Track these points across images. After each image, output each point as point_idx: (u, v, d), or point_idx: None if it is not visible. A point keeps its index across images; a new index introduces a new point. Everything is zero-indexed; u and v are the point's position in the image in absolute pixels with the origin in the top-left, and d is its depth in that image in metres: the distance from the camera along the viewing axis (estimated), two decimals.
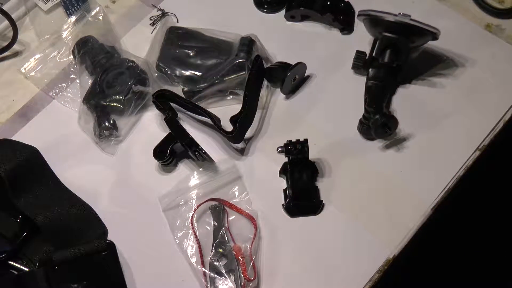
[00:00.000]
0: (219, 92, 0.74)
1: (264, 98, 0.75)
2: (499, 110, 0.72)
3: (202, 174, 0.70)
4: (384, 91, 0.73)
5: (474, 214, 1.12)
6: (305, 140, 0.67)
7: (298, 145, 0.66)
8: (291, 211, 0.68)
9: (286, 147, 0.67)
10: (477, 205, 1.12)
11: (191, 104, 0.72)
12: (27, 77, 0.79)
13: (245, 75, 0.72)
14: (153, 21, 0.82)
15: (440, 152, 0.70)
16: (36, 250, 0.66)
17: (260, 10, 0.82)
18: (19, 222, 0.65)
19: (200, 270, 0.64)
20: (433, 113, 0.73)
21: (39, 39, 0.82)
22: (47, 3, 0.84)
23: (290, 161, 0.68)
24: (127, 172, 0.72)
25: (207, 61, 0.75)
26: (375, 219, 0.66)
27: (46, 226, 0.64)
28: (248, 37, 0.74)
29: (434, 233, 0.78)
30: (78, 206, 0.68)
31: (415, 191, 0.68)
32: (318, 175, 0.69)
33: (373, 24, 0.72)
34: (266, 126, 0.74)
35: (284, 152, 0.67)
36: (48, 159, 0.70)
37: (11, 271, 0.65)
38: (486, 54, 0.76)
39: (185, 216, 0.67)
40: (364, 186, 0.69)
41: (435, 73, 0.76)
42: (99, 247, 0.63)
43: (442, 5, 0.81)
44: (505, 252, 1.13)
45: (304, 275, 0.64)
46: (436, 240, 0.98)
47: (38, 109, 0.77)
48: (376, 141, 0.71)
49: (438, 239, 0.99)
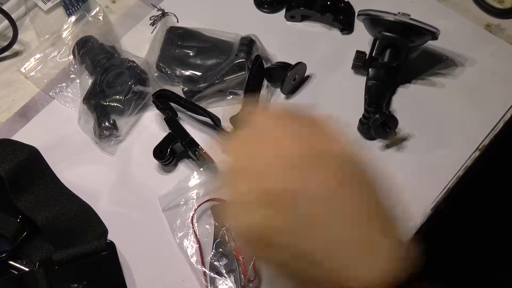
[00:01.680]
0: (219, 92, 0.74)
1: (265, 94, 0.75)
2: (499, 110, 0.72)
3: (202, 174, 0.70)
4: (384, 91, 0.73)
5: (474, 214, 1.12)
6: None
7: None
8: None
9: None
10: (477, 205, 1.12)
11: (191, 104, 0.72)
12: (27, 77, 0.79)
13: (245, 75, 0.72)
14: (153, 21, 0.82)
15: (440, 152, 0.70)
16: (36, 250, 0.66)
17: (260, 10, 0.82)
18: (19, 222, 0.65)
19: (200, 270, 0.64)
20: (433, 113, 0.73)
21: (39, 39, 0.82)
22: (47, 3, 0.84)
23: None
24: (127, 172, 0.72)
25: (207, 61, 0.75)
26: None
27: (46, 226, 0.64)
28: (248, 37, 0.74)
29: (434, 233, 0.78)
30: (78, 206, 0.68)
31: (415, 191, 0.67)
32: None
33: (372, 24, 0.72)
34: None
35: None
36: (48, 159, 0.70)
37: (11, 271, 0.65)
38: (486, 54, 0.76)
39: (185, 216, 0.67)
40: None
41: (435, 73, 0.76)
42: (99, 247, 0.63)
43: (441, 5, 0.81)
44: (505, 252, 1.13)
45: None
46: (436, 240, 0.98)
47: (38, 109, 0.77)
48: (376, 141, 0.71)
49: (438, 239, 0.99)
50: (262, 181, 0.40)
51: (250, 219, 0.40)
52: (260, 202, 0.40)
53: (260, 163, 0.41)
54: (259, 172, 0.41)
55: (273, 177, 0.40)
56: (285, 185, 0.40)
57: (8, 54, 0.81)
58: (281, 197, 0.39)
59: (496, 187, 1.13)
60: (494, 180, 1.11)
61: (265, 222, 0.40)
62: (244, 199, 0.41)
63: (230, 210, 0.43)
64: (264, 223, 0.40)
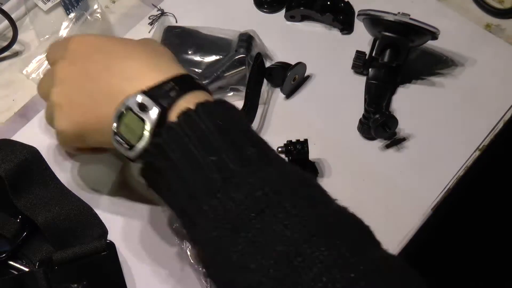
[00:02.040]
0: (220, 89, 0.74)
1: (265, 94, 0.75)
2: (499, 110, 0.72)
3: None
4: (384, 91, 0.73)
5: (474, 214, 1.12)
6: (305, 140, 0.67)
7: (298, 145, 0.66)
8: None
9: (286, 147, 0.67)
10: (477, 205, 1.12)
11: None
12: (29, 79, 0.79)
13: (245, 70, 0.72)
14: (152, 20, 0.82)
15: (440, 152, 0.70)
16: (36, 250, 0.66)
17: (260, 10, 0.82)
18: (19, 222, 0.65)
19: (200, 270, 0.64)
20: (433, 113, 0.73)
21: (39, 39, 0.82)
22: (47, 3, 0.84)
23: (290, 161, 0.68)
24: (127, 172, 0.71)
25: (207, 58, 0.75)
26: (375, 219, 0.66)
27: (46, 226, 0.64)
28: (246, 33, 0.74)
29: (434, 233, 0.78)
30: (78, 206, 0.67)
31: (415, 191, 0.68)
32: (318, 175, 0.69)
33: (372, 24, 0.72)
34: (266, 126, 0.74)
35: (284, 152, 0.67)
36: (48, 159, 0.69)
37: (11, 271, 0.65)
38: (486, 54, 0.76)
39: None
40: (364, 186, 0.68)
41: (435, 73, 0.76)
42: (99, 247, 0.63)
43: (441, 5, 0.81)
44: (505, 252, 1.13)
45: None
46: (436, 240, 0.98)
47: (38, 109, 0.77)
48: (376, 141, 0.71)
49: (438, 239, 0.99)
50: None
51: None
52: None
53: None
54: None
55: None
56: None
57: (8, 54, 0.81)
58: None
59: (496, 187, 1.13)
60: (494, 180, 1.11)
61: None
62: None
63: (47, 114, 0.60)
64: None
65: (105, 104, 0.53)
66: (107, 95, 0.53)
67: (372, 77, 0.73)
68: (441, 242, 1.07)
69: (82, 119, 0.56)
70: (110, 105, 0.52)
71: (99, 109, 0.54)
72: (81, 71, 0.56)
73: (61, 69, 0.58)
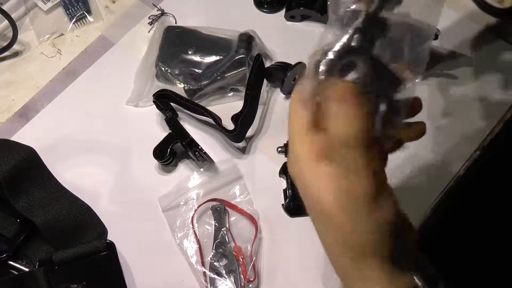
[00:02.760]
0: (220, 89, 0.74)
1: (265, 94, 0.75)
2: (499, 110, 0.72)
3: (202, 174, 0.70)
4: None
5: (474, 214, 1.12)
6: None
7: None
8: (291, 211, 0.67)
9: (286, 147, 0.67)
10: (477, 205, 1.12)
11: (192, 104, 0.72)
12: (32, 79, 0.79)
13: (245, 70, 0.72)
14: (152, 20, 0.82)
15: (440, 152, 0.70)
16: (36, 250, 0.66)
17: (260, 10, 0.82)
18: (19, 222, 0.65)
19: (200, 271, 0.64)
20: (433, 113, 0.73)
21: (39, 39, 0.82)
22: (47, 3, 0.84)
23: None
24: (127, 172, 0.72)
25: (207, 58, 0.74)
26: None
27: (45, 227, 0.64)
28: (246, 33, 0.74)
29: (434, 233, 0.78)
30: (78, 206, 0.67)
31: (415, 191, 0.67)
32: None
33: None
34: (266, 125, 0.74)
35: (284, 152, 0.67)
36: (48, 159, 0.70)
37: (11, 271, 0.65)
38: (486, 54, 0.76)
39: (185, 216, 0.67)
40: None
41: (435, 73, 0.76)
42: (99, 247, 0.63)
43: None
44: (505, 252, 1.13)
45: (304, 276, 0.64)
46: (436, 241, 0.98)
47: (38, 109, 0.77)
48: None
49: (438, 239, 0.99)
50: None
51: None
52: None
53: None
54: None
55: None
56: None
57: (8, 54, 0.81)
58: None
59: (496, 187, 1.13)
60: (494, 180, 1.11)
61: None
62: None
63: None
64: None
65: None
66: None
67: None
68: (441, 242, 1.07)
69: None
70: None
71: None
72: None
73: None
